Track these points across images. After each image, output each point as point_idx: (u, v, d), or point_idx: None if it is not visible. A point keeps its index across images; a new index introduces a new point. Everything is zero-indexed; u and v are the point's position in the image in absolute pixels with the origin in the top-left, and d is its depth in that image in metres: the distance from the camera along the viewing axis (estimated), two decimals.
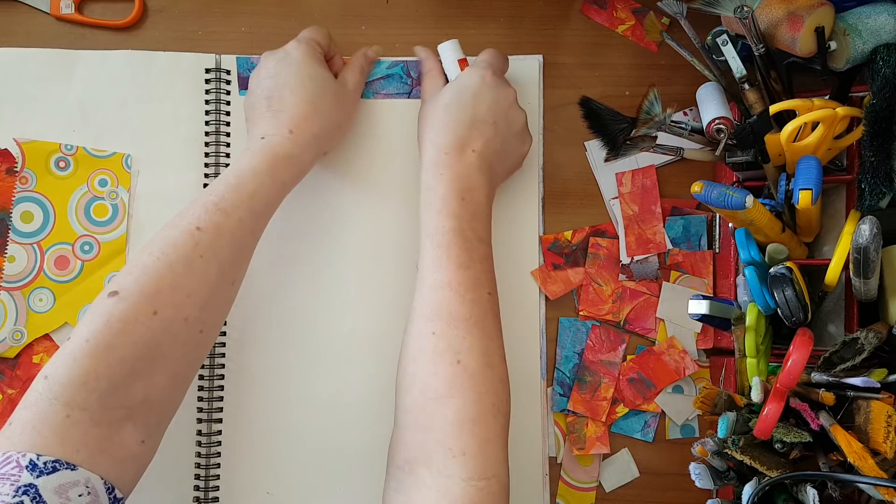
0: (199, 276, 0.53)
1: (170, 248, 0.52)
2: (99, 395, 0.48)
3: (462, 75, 0.64)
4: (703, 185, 0.53)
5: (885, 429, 0.45)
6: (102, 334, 0.49)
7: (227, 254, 0.55)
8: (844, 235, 0.52)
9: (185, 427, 0.65)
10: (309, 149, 0.60)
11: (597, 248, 0.67)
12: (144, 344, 0.50)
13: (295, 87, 0.61)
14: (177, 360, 0.52)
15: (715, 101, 0.61)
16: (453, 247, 0.56)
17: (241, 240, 0.56)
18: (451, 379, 0.52)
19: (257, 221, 0.57)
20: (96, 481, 0.47)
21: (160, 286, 0.51)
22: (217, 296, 0.55)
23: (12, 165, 0.67)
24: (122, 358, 0.49)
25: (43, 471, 0.44)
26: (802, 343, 0.49)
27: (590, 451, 0.65)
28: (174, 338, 0.52)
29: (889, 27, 0.55)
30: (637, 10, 0.70)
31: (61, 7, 0.69)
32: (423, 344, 0.54)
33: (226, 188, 0.56)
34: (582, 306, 0.67)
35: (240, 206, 0.55)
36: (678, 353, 0.65)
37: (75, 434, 0.47)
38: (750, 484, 0.50)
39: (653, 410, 0.66)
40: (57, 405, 0.47)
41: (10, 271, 0.65)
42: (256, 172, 0.57)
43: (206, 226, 0.54)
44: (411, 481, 0.51)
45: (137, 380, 0.50)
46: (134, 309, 0.50)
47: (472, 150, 0.60)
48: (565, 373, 0.66)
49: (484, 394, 0.52)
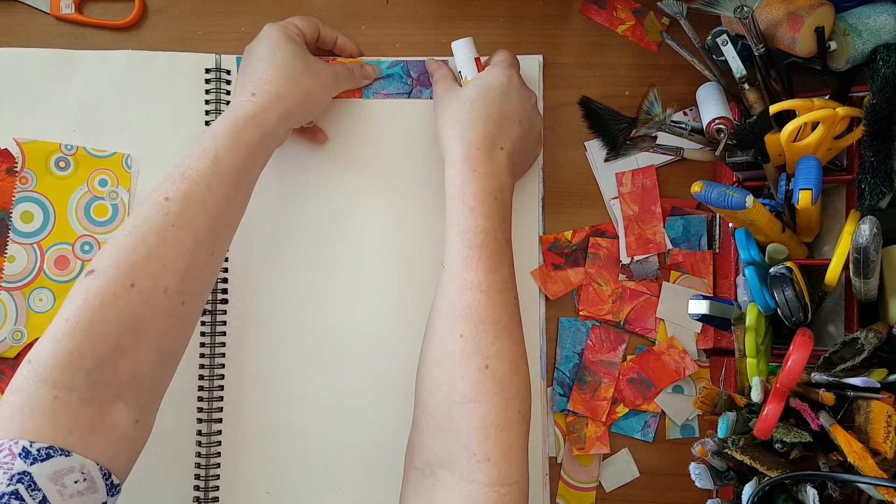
0: (173, 245, 0.52)
1: (140, 221, 0.52)
2: (85, 373, 0.48)
3: (487, 73, 0.63)
4: (703, 185, 0.53)
5: (885, 429, 0.45)
6: (82, 311, 0.49)
7: (200, 221, 0.54)
8: (844, 235, 0.52)
9: (186, 427, 0.65)
10: (272, 108, 0.59)
11: (597, 248, 0.67)
12: (126, 318, 0.50)
13: (263, 56, 0.61)
14: (161, 333, 0.52)
15: (715, 101, 0.61)
16: (485, 248, 0.55)
17: (214, 207, 0.55)
18: (478, 383, 0.52)
19: (228, 187, 0.56)
20: (91, 467, 0.47)
21: (134, 258, 0.51)
22: (196, 265, 0.54)
23: (12, 165, 0.67)
24: (104, 333, 0.49)
25: (37, 458, 0.44)
26: (802, 343, 0.49)
27: (590, 451, 0.65)
28: (156, 310, 0.51)
29: (889, 27, 0.55)
30: (637, 10, 0.70)
31: (61, 7, 0.69)
32: (450, 346, 0.53)
33: (190, 158, 0.55)
34: (582, 306, 0.67)
35: (204, 172, 0.54)
36: (678, 353, 0.65)
37: (65, 415, 0.47)
38: (750, 484, 0.50)
39: (653, 410, 0.66)
40: (44, 388, 0.47)
41: (10, 271, 0.65)
42: (217, 136, 0.56)
43: (173, 195, 0.53)
44: (431, 484, 0.51)
45: (123, 356, 0.50)
46: (111, 283, 0.50)
47: (500, 147, 0.59)
48: (565, 373, 0.66)
49: (510, 400, 0.52)
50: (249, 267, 0.67)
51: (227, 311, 0.67)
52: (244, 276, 0.67)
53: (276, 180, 0.68)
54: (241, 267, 0.67)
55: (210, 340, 0.66)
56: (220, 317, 0.66)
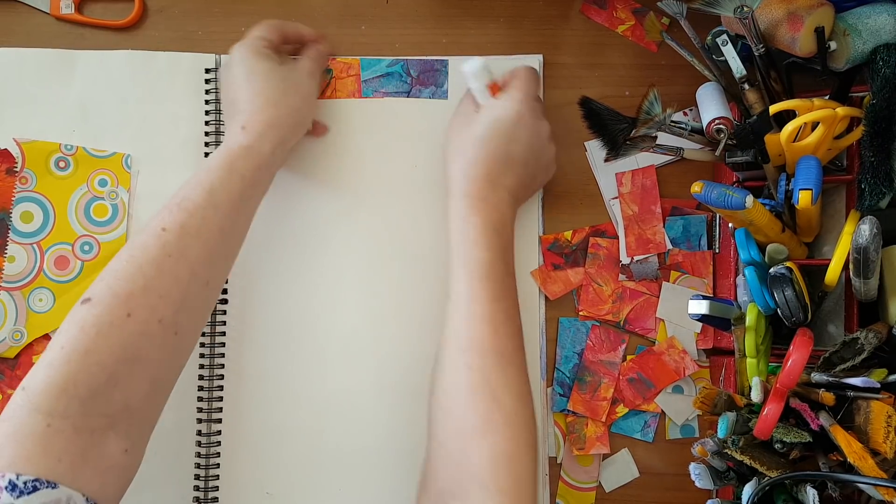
0: (169, 276, 0.53)
1: (138, 251, 0.53)
2: (79, 402, 0.48)
3: (499, 104, 0.60)
4: (703, 185, 0.53)
5: (885, 429, 0.45)
6: (78, 340, 0.49)
7: (196, 252, 0.54)
8: (844, 235, 0.52)
9: (186, 427, 0.65)
10: (264, 137, 0.59)
11: (597, 248, 0.67)
12: (121, 347, 0.50)
13: (241, 85, 0.61)
14: (155, 364, 0.52)
15: (715, 101, 0.61)
16: (488, 280, 0.56)
17: (209, 238, 0.55)
18: (488, 415, 0.52)
19: (224, 219, 0.56)
20: (78, 498, 0.46)
21: (131, 289, 0.51)
22: (191, 297, 0.54)
23: (12, 165, 0.67)
24: (100, 363, 0.49)
25: (23, 491, 0.44)
26: (802, 343, 0.49)
27: (590, 452, 0.65)
28: (150, 340, 0.51)
29: (889, 27, 0.55)
30: (637, 10, 0.70)
31: (61, 7, 0.69)
32: (458, 377, 0.54)
33: (186, 189, 0.56)
34: (582, 306, 0.67)
35: (200, 203, 0.55)
36: (678, 353, 0.65)
37: (57, 444, 0.47)
38: (750, 484, 0.50)
39: (653, 410, 0.66)
40: (37, 415, 0.47)
41: (9, 271, 0.65)
42: (211, 169, 0.57)
43: (170, 226, 0.54)
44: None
45: (117, 386, 0.50)
46: (108, 313, 0.50)
47: (503, 185, 0.59)
48: (565, 373, 0.66)
49: (519, 431, 0.52)
50: (249, 267, 0.67)
51: (227, 312, 0.67)
52: (244, 276, 0.67)
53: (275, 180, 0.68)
54: (241, 267, 0.67)
55: (210, 340, 0.66)
56: (219, 317, 0.66)
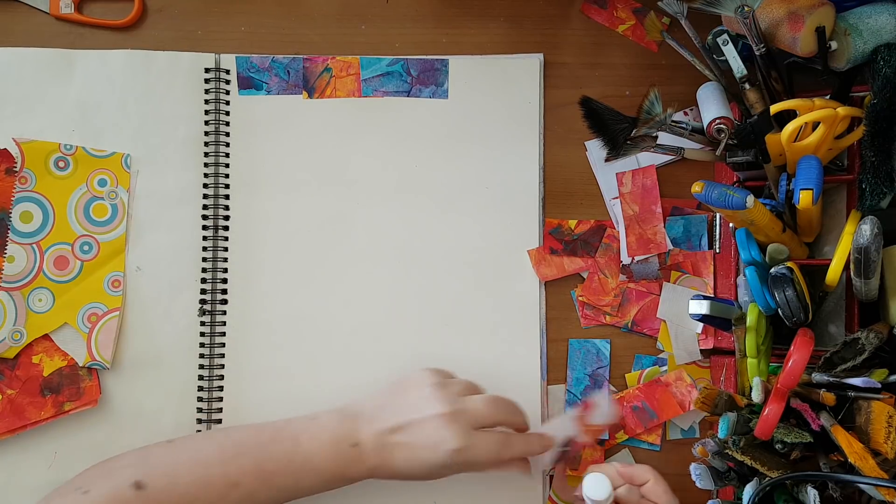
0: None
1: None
2: None
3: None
4: (704, 185, 0.53)
5: (886, 429, 0.45)
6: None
7: None
8: (845, 235, 0.52)
9: (186, 427, 0.65)
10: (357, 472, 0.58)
11: (611, 239, 0.67)
12: None
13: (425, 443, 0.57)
14: None
15: (715, 100, 0.61)
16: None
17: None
18: None
19: None
20: None
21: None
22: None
23: (12, 165, 0.67)
24: None
25: None
26: (803, 343, 0.49)
27: (582, 474, 0.64)
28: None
29: (890, 27, 0.55)
30: (637, 10, 0.70)
31: (61, 7, 0.69)
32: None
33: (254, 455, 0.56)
34: (583, 291, 0.67)
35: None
36: (685, 386, 0.65)
37: None
38: (751, 484, 0.50)
39: (651, 441, 0.65)
40: None
41: (9, 271, 0.65)
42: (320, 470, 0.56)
43: None
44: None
45: None
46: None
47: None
48: (577, 395, 0.66)
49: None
50: (249, 267, 0.67)
51: (227, 311, 0.67)
52: (244, 276, 0.67)
53: (275, 180, 0.68)
54: (241, 267, 0.67)
55: (210, 340, 0.66)
56: (219, 317, 0.66)
